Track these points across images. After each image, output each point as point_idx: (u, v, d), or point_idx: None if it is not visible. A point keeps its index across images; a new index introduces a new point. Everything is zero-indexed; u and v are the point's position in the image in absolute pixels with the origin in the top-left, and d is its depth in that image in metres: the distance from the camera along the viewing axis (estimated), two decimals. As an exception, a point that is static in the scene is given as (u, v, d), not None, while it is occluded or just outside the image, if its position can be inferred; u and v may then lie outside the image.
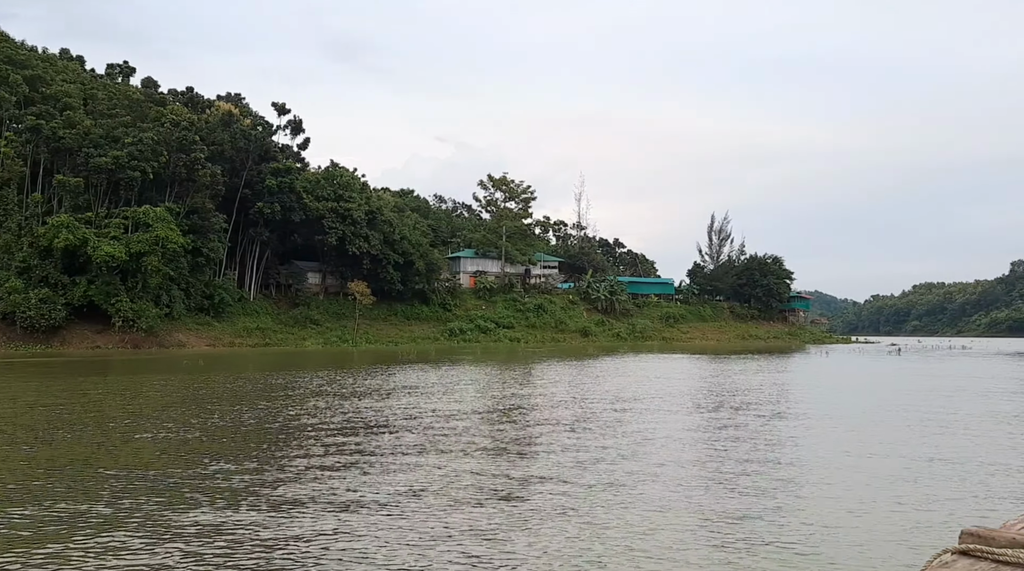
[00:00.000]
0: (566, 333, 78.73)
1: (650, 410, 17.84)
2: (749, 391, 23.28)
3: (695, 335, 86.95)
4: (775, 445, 13.20)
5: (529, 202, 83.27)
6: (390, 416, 16.41)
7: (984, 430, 15.28)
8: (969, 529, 1.55)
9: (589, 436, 13.91)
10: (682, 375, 31.03)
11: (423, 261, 71.17)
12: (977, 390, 24.49)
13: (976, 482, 9.90)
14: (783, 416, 17.22)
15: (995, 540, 1.49)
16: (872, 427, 15.92)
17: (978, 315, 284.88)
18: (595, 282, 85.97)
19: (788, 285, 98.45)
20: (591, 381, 27.12)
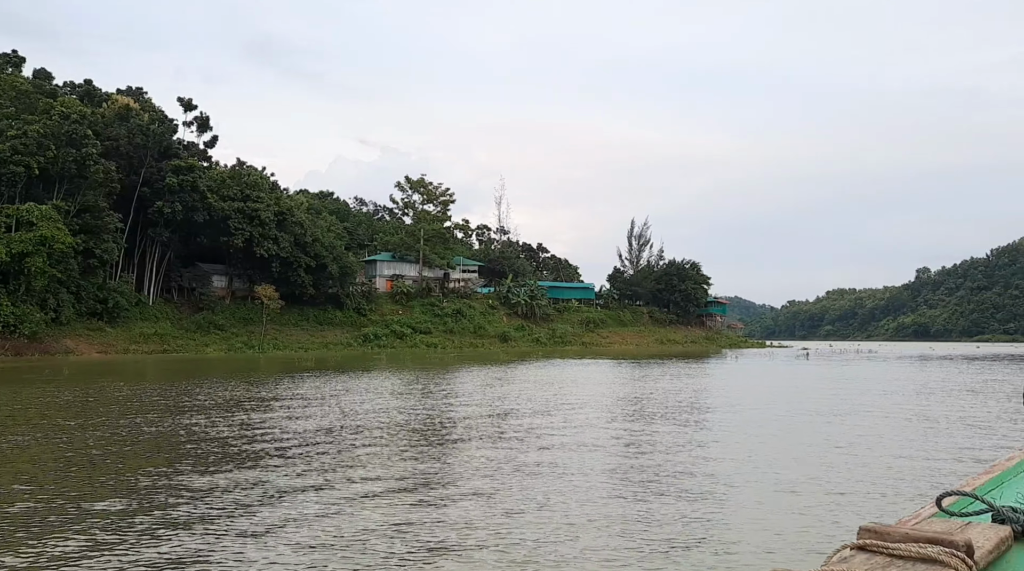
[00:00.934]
0: (485, 338, 77.60)
1: (567, 423, 16.72)
2: (665, 397, 22.46)
3: (615, 340, 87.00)
4: (686, 451, 12.78)
5: (448, 205, 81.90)
6: (229, 435, 14.82)
7: (885, 432, 15.29)
8: (867, 525, 1.61)
9: (506, 455, 12.66)
10: (599, 382, 30.14)
11: (337, 264, 68.93)
12: (878, 391, 24.37)
13: (878, 481, 10.04)
14: (695, 423, 16.39)
15: (890, 535, 1.56)
16: (780, 431, 15.68)
17: (886, 320, 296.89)
18: (515, 287, 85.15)
19: (705, 290, 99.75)
20: (498, 388, 25.93)
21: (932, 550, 1.49)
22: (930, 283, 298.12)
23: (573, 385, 27.44)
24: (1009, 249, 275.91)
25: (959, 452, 12.64)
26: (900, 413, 18.97)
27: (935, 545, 1.51)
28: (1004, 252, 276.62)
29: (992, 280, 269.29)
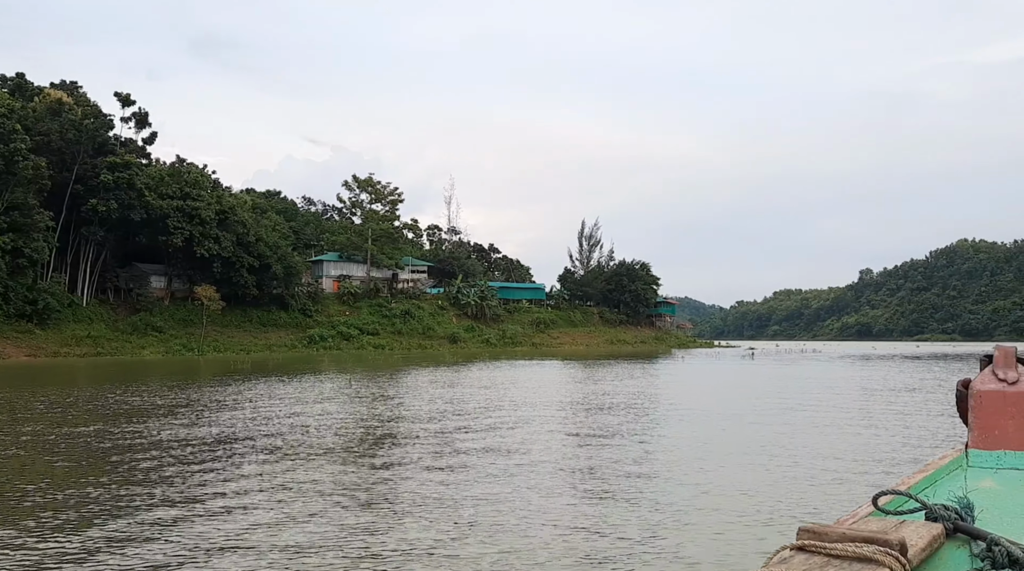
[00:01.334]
0: (434, 339, 76.77)
1: (503, 427, 16.15)
2: (614, 400, 22.07)
3: (565, 340, 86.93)
4: (632, 455, 12.51)
5: (396, 204, 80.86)
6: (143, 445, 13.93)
7: (826, 432, 15.26)
8: (805, 526, 1.64)
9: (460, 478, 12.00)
10: (545, 384, 29.65)
11: (281, 264, 67.38)
12: (820, 391, 24.39)
13: (819, 481, 10.09)
14: (641, 426, 15.98)
15: (828, 535, 1.59)
16: (725, 432, 15.51)
17: (831, 320, 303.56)
18: (465, 287, 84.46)
19: (655, 291, 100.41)
20: (433, 391, 25.27)
21: (868, 549, 1.52)
22: (872, 284, 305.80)
23: (516, 388, 26.93)
24: (947, 251, 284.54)
25: (896, 451, 12.64)
26: (841, 412, 18.95)
27: (871, 544, 1.54)
28: (942, 254, 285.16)
29: (931, 281, 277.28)
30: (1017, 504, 2.16)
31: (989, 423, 2.64)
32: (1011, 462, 2.53)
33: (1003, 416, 2.63)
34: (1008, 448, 2.58)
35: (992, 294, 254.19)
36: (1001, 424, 2.62)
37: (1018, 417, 2.61)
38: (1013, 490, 2.29)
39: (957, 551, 1.79)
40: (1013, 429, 2.60)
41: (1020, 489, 2.30)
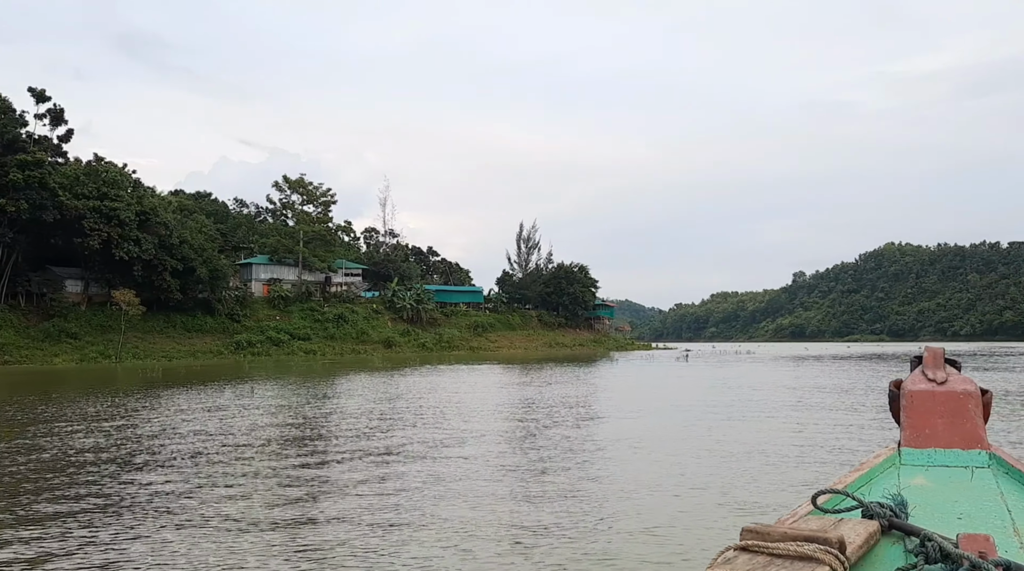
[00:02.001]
0: (368, 344, 75.05)
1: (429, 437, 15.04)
2: (549, 404, 21.14)
3: (503, 344, 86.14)
4: (568, 458, 12.12)
5: (329, 206, 78.82)
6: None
7: (761, 432, 15.00)
8: (749, 526, 1.69)
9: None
10: (476, 388, 28.59)
11: (206, 267, 64.80)
12: (751, 392, 23.99)
13: (758, 482, 10.11)
14: (577, 429, 15.09)
15: (770, 535, 1.64)
16: (660, 434, 15.11)
17: (766, 321, 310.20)
18: (401, 291, 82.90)
19: (593, 293, 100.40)
20: (343, 401, 23.98)
21: (808, 547, 1.57)
22: (805, 286, 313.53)
23: (441, 394, 25.84)
24: (875, 254, 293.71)
25: (832, 451, 12.62)
26: (776, 413, 18.57)
27: (811, 543, 1.59)
28: (871, 257, 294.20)
29: (860, 283, 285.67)
30: (946, 500, 2.23)
31: (920, 422, 2.70)
32: (941, 459, 2.59)
33: (933, 415, 2.69)
34: (938, 446, 2.63)
35: (917, 296, 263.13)
36: (931, 423, 2.68)
37: (947, 416, 2.67)
38: (943, 486, 2.36)
39: (892, 547, 1.85)
40: (942, 427, 2.65)
41: (949, 485, 2.37)
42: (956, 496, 2.27)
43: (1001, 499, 2.23)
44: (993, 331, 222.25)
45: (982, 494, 2.28)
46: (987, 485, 2.36)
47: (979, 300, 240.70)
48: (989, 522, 2.03)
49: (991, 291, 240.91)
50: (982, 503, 2.20)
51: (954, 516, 2.10)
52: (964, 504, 2.20)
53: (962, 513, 2.12)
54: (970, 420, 2.65)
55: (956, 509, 2.16)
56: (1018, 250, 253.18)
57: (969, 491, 2.31)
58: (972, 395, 2.70)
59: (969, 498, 2.25)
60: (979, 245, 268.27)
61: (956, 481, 2.42)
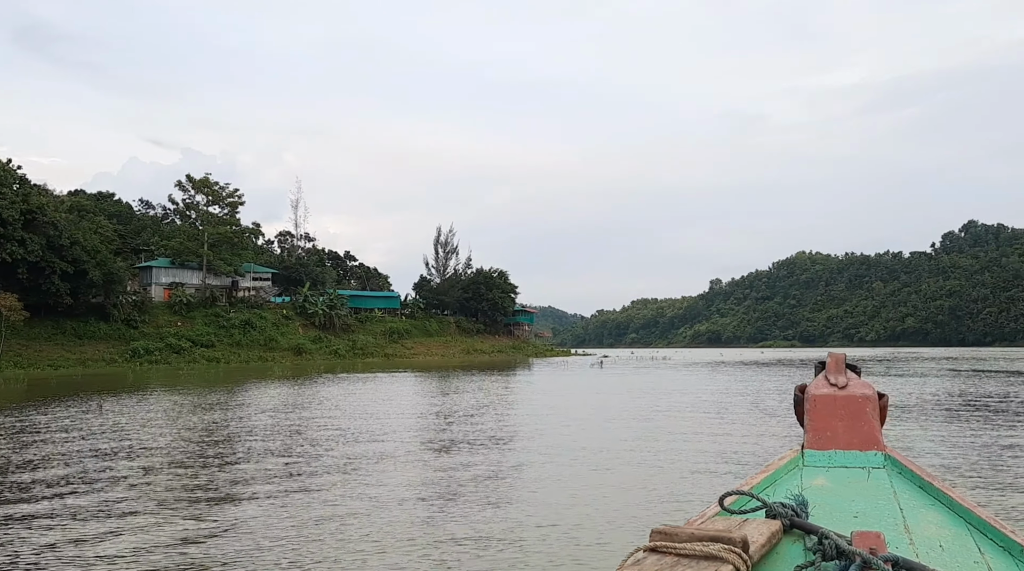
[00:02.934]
0: (277, 351, 72.03)
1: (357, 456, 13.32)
2: (458, 415, 19.63)
3: (420, 350, 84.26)
4: (477, 468, 11.80)
5: (237, 206, 75.43)
6: None
7: (672, 438, 14.87)
8: (657, 527, 1.74)
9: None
10: (386, 401, 26.86)
11: (100, 270, 60.83)
12: (662, 398, 23.19)
13: (668, 486, 10.14)
14: (491, 439, 13.70)
15: (677, 536, 1.69)
16: (569, 441, 14.65)
17: (684, 328, 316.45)
18: (313, 296, 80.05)
19: (513, 299, 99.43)
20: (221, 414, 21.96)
21: (714, 547, 1.63)
22: (722, 293, 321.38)
23: (345, 406, 24.06)
24: (787, 262, 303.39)
25: (741, 454, 12.68)
26: (682, 418, 17.87)
27: (716, 543, 1.65)
28: (783, 265, 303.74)
29: (774, 290, 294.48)
30: (844, 499, 2.33)
31: (822, 425, 2.78)
32: (841, 460, 2.68)
33: (834, 418, 2.78)
34: (838, 448, 2.72)
35: (827, 303, 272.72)
36: (832, 425, 2.76)
37: (847, 419, 2.77)
38: (841, 486, 2.45)
39: (793, 545, 1.92)
40: (842, 430, 2.75)
41: (847, 485, 2.47)
42: (853, 495, 2.37)
43: (894, 498, 2.34)
44: (896, 337, 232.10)
45: (877, 493, 2.38)
46: (882, 485, 2.47)
47: (883, 307, 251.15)
48: (883, 520, 2.14)
49: (894, 299, 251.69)
50: (877, 502, 2.30)
51: (851, 515, 2.19)
52: (860, 503, 2.29)
53: (858, 511, 2.22)
54: (868, 423, 2.75)
55: (853, 508, 2.25)
56: (919, 260, 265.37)
57: (865, 490, 2.41)
58: (870, 399, 2.81)
59: (865, 497, 2.35)
60: (883, 254, 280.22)
61: (854, 481, 2.52)
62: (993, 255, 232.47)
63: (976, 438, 14.18)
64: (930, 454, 12.22)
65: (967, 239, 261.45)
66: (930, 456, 12.00)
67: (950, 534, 2.06)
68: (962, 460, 11.74)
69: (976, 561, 1.88)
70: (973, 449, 12.86)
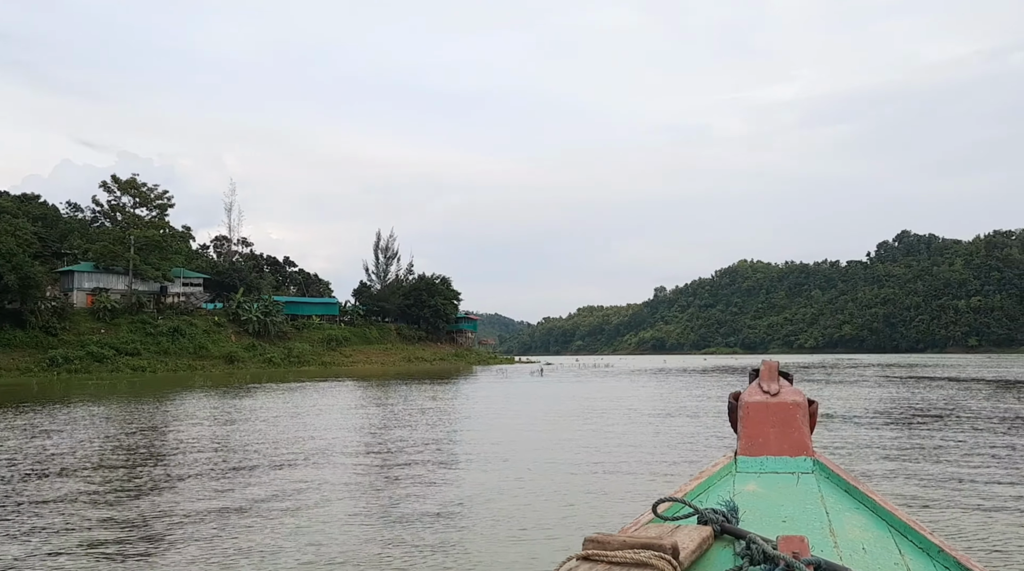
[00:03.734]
0: (207, 359, 69.25)
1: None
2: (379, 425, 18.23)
3: (359, 358, 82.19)
4: (413, 481, 11.62)
5: (166, 209, 72.48)
6: None
7: (603, 449, 14.53)
8: (590, 536, 1.75)
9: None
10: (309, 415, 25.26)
11: (15, 275, 57.55)
12: (597, 407, 22.23)
13: (602, 495, 10.04)
14: (425, 450, 12.47)
15: (610, 544, 1.71)
16: (502, 454, 14.24)
17: (629, 334, 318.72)
18: (247, 302, 77.35)
19: (456, 305, 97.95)
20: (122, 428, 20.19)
21: (644, 554, 1.64)
22: (666, 301, 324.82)
23: (271, 419, 22.43)
24: (729, 270, 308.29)
25: (676, 462, 12.59)
26: (618, 426, 17.26)
27: (647, 549, 1.67)
28: (726, 273, 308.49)
29: (716, 298, 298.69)
30: (774, 504, 2.37)
31: (754, 431, 2.81)
32: (772, 466, 2.71)
33: (766, 424, 2.80)
34: (770, 454, 2.75)
35: (767, 310, 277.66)
36: (764, 432, 2.79)
37: (778, 425, 2.79)
38: (772, 492, 2.49)
39: (723, 551, 1.95)
40: (774, 436, 2.78)
41: (777, 490, 2.50)
42: (783, 500, 2.40)
43: (821, 502, 2.38)
44: (834, 344, 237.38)
45: (805, 498, 2.41)
46: (810, 489, 2.50)
47: (821, 314, 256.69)
48: (809, 524, 2.18)
49: (832, 306, 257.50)
50: (805, 506, 2.34)
51: (779, 519, 2.23)
52: (789, 507, 2.33)
53: (787, 516, 2.25)
54: (798, 429, 2.79)
55: (782, 512, 2.29)
56: (855, 268, 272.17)
57: (794, 495, 2.44)
58: (801, 406, 2.84)
59: (794, 502, 2.39)
60: (821, 263, 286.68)
61: (784, 486, 2.55)
62: (925, 264, 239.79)
63: (907, 440, 14.37)
64: (859, 458, 12.35)
65: (900, 249, 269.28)
66: (860, 460, 12.09)
67: (872, 536, 2.11)
68: (891, 464, 11.92)
69: (896, 562, 1.93)
70: (903, 451, 13.11)
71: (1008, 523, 7.99)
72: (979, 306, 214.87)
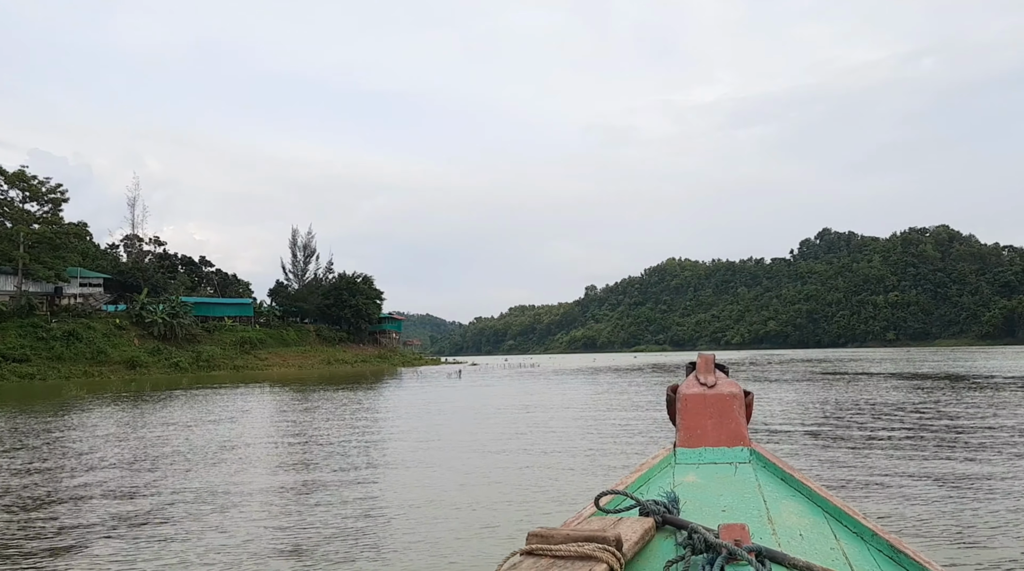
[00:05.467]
0: (107, 365, 64.40)
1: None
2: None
3: (275, 362, 78.17)
4: (343, 489, 10.83)
5: (60, 203, 67.17)
6: None
7: (531, 452, 13.89)
8: (534, 531, 1.76)
9: None
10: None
11: None
12: (533, 410, 20.03)
13: (541, 493, 9.66)
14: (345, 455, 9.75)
15: (553, 538, 1.72)
16: (439, 461, 13.16)
17: (560, 333, 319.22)
18: (151, 303, 72.54)
19: (379, 305, 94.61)
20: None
21: (588, 547, 1.65)
22: (596, 299, 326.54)
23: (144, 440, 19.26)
24: (659, 269, 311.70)
25: (614, 455, 12.55)
26: (545, 428, 15.60)
27: (591, 542, 1.68)
28: (655, 271, 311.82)
29: (646, 296, 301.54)
30: (713, 494, 2.40)
31: (692, 423, 2.84)
32: (710, 457, 2.75)
33: (703, 416, 2.84)
34: (707, 444, 2.78)
35: (695, 308, 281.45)
36: (702, 423, 2.82)
37: (715, 416, 2.83)
38: (710, 482, 2.52)
39: (665, 541, 1.97)
40: (711, 427, 2.81)
41: (716, 480, 2.53)
42: (721, 490, 2.43)
43: (759, 491, 2.42)
44: (760, 340, 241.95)
45: (743, 487, 2.45)
46: (748, 479, 2.54)
47: (747, 311, 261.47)
48: (748, 512, 2.21)
49: (757, 303, 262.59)
50: (743, 495, 2.37)
51: (719, 508, 2.26)
52: (728, 497, 2.36)
53: (726, 506, 2.28)
54: (735, 420, 2.83)
55: (721, 502, 2.32)
56: (779, 266, 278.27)
57: (732, 485, 2.48)
58: (737, 397, 2.87)
59: (732, 491, 2.42)
60: (747, 261, 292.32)
61: (722, 476, 2.58)
62: (845, 261, 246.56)
63: (840, 437, 14.42)
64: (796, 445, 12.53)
65: (822, 246, 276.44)
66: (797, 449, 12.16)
67: (809, 523, 2.15)
68: (825, 455, 12.12)
69: (832, 547, 1.98)
70: (834, 443, 13.49)
71: (933, 506, 8.23)
72: (896, 301, 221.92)
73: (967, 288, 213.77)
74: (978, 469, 10.47)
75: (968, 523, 7.49)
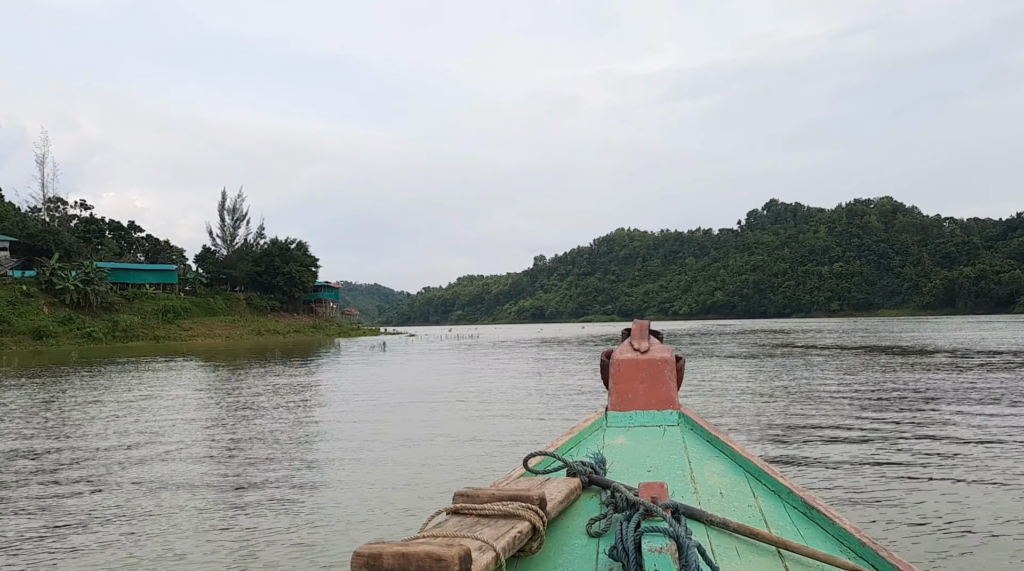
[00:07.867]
0: (12, 336, 59.48)
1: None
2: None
3: (200, 332, 73.76)
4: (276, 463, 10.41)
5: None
6: None
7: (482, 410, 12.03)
8: (461, 490, 1.82)
9: None
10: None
11: None
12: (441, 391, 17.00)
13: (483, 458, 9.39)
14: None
15: (479, 497, 1.78)
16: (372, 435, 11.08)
17: (509, 304, 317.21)
18: (63, 269, 67.30)
19: (314, 273, 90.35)
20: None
21: (512, 506, 1.72)
22: (545, 270, 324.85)
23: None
24: (607, 239, 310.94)
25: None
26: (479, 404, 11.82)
27: (515, 501, 1.75)
28: (604, 242, 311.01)
29: (595, 266, 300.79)
30: (640, 455, 2.48)
31: (624, 387, 2.91)
32: (640, 420, 2.82)
33: (635, 380, 2.91)
34: (638, 408, 2.86)
35: (644, 278, 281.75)
36: (634, 388, 2.90)
37: (647, 381, 2.90)
38: (639, 444, 2.61)
39: (590, 500, 2.07)
40: (643, 391, 2.89)
41: (644, 443, 2.61)
42: (649, 452, 2.52)
43: (684, 452, 2.51)
44: (707, 310, 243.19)
45: (670, 449, 2.55)
46: (675, 441, 2.63)
47: (695, 282, 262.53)
48: (672, 472, 2.30)
49: (705, 273, 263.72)
50: (669, 456, 2.47)
51: (645, 469, 2.35)
52: (654, 458, 2.45)
53: (652, 466, 2.37)
54: (665, 384, 2.91)
55: (647, 463, 2.41)
56: (726, 236, 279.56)
57: (659, 447, 2.57)
58: (668, 362, 2.95)
59: (659, 453, 2.51)
60: (695, 231, 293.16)
61: (650, 438, 2.67)
62: (791, 232, 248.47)
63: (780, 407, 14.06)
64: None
65: (769, 217, 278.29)
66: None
67: (730, 482, 2.26)
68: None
69: (750, 504, 2.10)
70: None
71: (850, 469, 8.37)
72: (841, 272, 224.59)
73: (909, 259, 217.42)
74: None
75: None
